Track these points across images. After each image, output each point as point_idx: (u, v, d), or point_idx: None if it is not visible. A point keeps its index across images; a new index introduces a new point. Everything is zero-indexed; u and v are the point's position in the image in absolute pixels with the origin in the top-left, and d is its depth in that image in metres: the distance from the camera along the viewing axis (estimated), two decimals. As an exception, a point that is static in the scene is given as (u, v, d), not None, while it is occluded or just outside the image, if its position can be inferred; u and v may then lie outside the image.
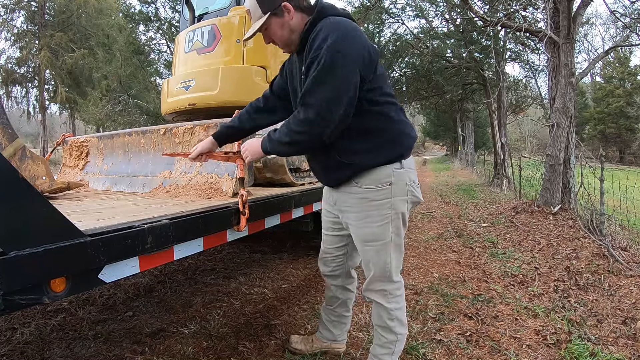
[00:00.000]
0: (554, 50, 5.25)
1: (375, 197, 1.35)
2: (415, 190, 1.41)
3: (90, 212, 1.41)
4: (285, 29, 1.32)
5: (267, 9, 1.29)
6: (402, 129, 1.35)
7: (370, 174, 1.33)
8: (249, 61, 2.96)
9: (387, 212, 1.35)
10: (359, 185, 1.36)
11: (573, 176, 5.11)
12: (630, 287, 2.57)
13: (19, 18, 19.08)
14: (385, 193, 1.34)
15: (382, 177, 1.33)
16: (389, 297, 1.45)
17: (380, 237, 1.38)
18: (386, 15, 11.53)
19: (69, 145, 2.82)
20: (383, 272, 1.42)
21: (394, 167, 1.34)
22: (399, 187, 1.35)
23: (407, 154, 1.38)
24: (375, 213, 1.36)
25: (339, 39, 1.17)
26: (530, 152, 27.00)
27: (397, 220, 1.38)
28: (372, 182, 1.34)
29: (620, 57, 26.74)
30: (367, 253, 1.43)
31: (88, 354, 1.84)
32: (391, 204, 1.35)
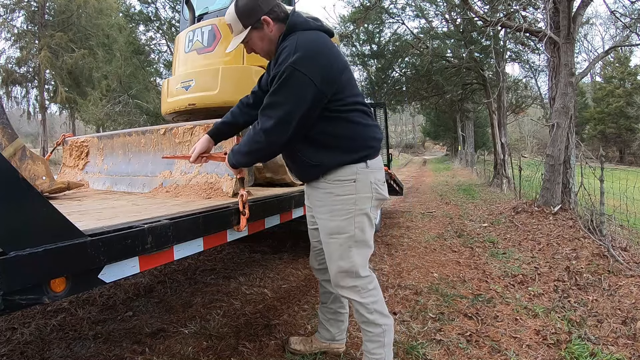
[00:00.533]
0: (554, 50, 5.25)
1: (339, 192, 1.41)
2: (379, 188, 1.47)
3: (90, 212, 1.41)
4: (265, 40, 1.42)
5: (248, 23, 1.37)
6: (367, 132, 1.43)
7: (336, 171, 1.41)
8: (249, 61, 2.96)
9: (350, 207, 1.41)
10: (326, 180, 1.43)
11: (573, 176, 5.11)
12: (630, 287, 2.57)
13: (19, 18, 19.08)
14: (349, 189, 1.41)
15: (347, 174, 1.40)
16: (362, 292, 1.47)
17: (344, 230, 1.42)
18: (386, 15, 11.53)
19: (69, 145, 2.82)
20: (349, 268, 1.44)
21: (359, 166, 1.41)
22: (364, 184, 1.42)
23: (373, 155, 1.45)
24: (339, 207, 1.42)
25: (301, 57, 1.24)
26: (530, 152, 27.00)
27: (361, 216, 1.43)
28: (337, 178, 1.41)
29: (620, 57, 26.74)
30: (330, 246, 1.47)
31: (88, 354, 1.84)
32: (355, 200, 1.41)
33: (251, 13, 1.36)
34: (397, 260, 3.42)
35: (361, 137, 1.42)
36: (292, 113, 1.27)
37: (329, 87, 1.30)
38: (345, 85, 1.36)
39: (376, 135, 1.47)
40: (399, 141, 49.56)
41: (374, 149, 1.46)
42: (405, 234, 4.55)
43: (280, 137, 1.30)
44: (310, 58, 1.26)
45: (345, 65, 1.38)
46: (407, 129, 59.98)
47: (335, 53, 1.35)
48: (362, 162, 1.41)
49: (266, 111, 1.31)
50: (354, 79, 1.47)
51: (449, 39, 11.15)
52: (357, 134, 1.41)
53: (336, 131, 1.38)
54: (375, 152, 1.47)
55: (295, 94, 1.26)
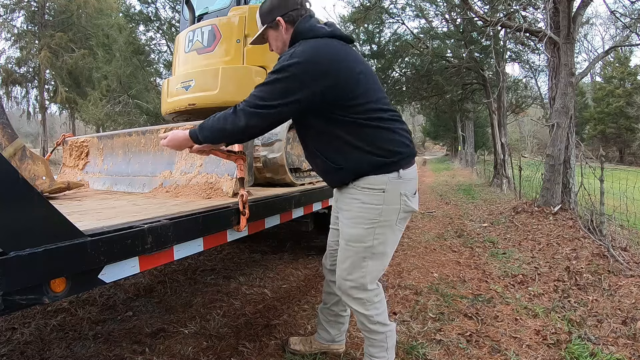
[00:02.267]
0: (554, 50, 5.25)
1: (366, 201, 1.39)
2: (409, 200, 1.43)
3: (90, 212, 1.41)
4: (279, 40, 1.47)
5: (265, 21, 1.46)
6: (394, 137, 1.39)
7: (366, 179, 1.38)
8: (249, 61, 2.96)
9: (374, 218, 1.39)
10: (355, 187, 1.41)
11: (573, 176, 5.11)
12: (630, 287, 2.57)
13: (19, 18, 19.09)
14: (377, 199, 1.38)
15: (377, 183, 1.38)
16: (367, 305, 1.46)
17: (363, 239, 1.40)
18: (386, 15, 11.52)
19: (69, 145, 2.82)
20: (357, 279, 1.43)
21: (390, 176, 1.38)
22: (392, 195, 1.38)
23: (405, 163, 1.41)
24: (363, 215, 1.40)
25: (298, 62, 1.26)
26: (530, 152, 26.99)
27: (384, 227, 1.40)
28: (366, 186, 1.39)
29: (620, 57, 26.73)
30: (345, 252, 1.46)
31: (88, 354, 1.84)
32: (381, 211, 1.38)
33: (269, 12, 1.45)
34: (397, 260, 3.42)
35: (387, 143, 1.38)
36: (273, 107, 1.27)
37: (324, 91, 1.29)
38: (359, 91, 1.34)
39: (405, 141, 1.42)
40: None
41: (404, 156, 1.41)
42: (405, 234, 4.55)
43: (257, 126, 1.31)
44: (303, 64, 1.27)
45: (358, 70, 1.35)
46: (407, 129, 59.85)
47: (340, 61, 1.33)
48: (395, 171, 1.38)
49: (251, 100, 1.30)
50: (375, 82, 1.43)
51: (449, 39, 11.14)
52: (382, 139, 1.37)
53: (358, 136, 1.36)
54: (408, 160, 1.42)
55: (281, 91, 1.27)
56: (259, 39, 1.53)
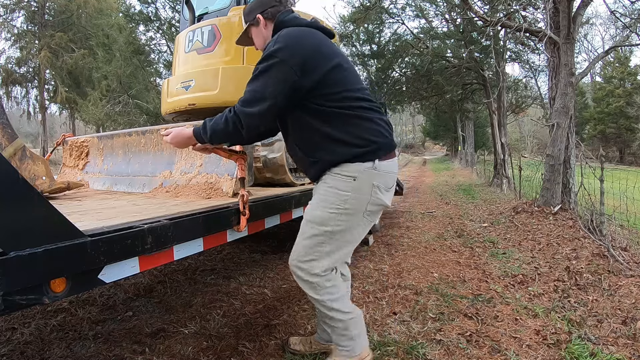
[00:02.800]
0: (554, 50, 5.25)
1: (335, 185, 1.39)
2: (380, 193, 1.41)
3: (90, 212, 1.41)
4: (260, 37, 1.52)
5: (247, 20, 1.52)
6: (370, 127, 1.39)
7: (340, 166, 1.38)
8: (249, 61, 2.96)
9: (340, 204, 1.38)
10: (329, 173, 1.41)
11: (573, 176, 5.11)
12: (630, 287, 2.57)
13: (19, 18, 19.10)
14: (346, 186, 1.37)
15: (349, 170, 1.37)
16: (318, 290, 1.43)
17: (325, 223, 1.39)
18: (386, 15, 11.52)
19: (69, 145, 2.82)
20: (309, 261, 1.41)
21: (365, 165, 1.36)
22: (363, 185, 1.37)
23: (381, 153, 1.39)
24: (330, 199, 1.39)
25: (280, 47, 1.29)
26: (530, 152, 26.99)
27: (349, 215, 1.39)
28: (338, 172, 1.38)
29: (620, 57, 26.74)
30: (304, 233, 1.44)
31: (88, 354, 1.84)
32: (348, 199, 1.37)
33: (250, 12, 1.51)
34: (397, 260, 3.42)
35: (364, 131, 1.37)
36: (269, 99, 1.29)
37: (309, 76, 1.31)
38: (337, 79, 1.36)
39: (382, 131, 1.41)
40: (399, 141, 49.46)
41: (380, 146, 1.39)
42: (405, 234, 4.55)
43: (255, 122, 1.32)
44: (289, 47, 1.29)
45: (335, 59, 1.37)
46: (407, 129, 60.00)
47: (322, 47, 1.36)
48: (369, 161, 1.37)
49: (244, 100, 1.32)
50: (354, 73, 1.44)
51: (449, 39, 11.15)
52: (358, 128, 1.37)
53: (334, 126, 1.36)
54: (384, 150, 1.41)
55: (273, 80, 1.29)
56: (244, 38, 1.57)
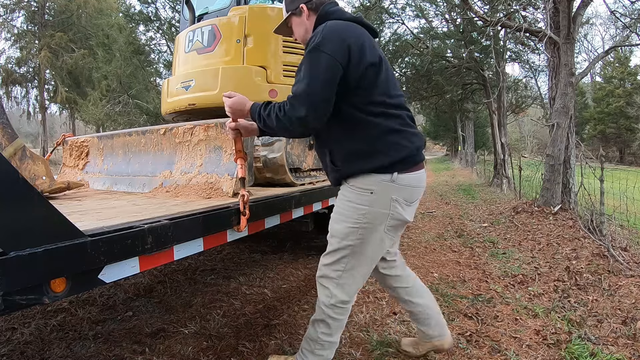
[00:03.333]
0: (554, 50, 5.25)
1: (353, 199, 1.35)
2: (400, 208, 1.34)
3: (90, 212, 1.41)
4: (301, 27, 1.47)
5: (289, 8, 1.48)
6: (396, 139, 1.32)
7: (357, 177, 1.35)
8: (249, 61, 2.96)
9: (359, 219, 1.33)
10: (347, 184, 1.39)
11: (573, 176, 5.11)
12: (630, 287, 2.57)
13: (19, 18, 19.12)
14: (364, 200, 1.33)
15: (366, 183, 1.33)
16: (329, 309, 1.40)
17: (344, 237, 1.36)
18: (386, 15, 11.52)
19: (69, 145, 2.82)
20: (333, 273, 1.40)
21: (383, 177, 1.31)
22: (381, 199, 1.31)
23: (404, 167, 1.32)
24: (348, 213, 1.36)
25: (325, 39, 1.26)
26: (530, 152, 27.00)
27: (368, 231, 1.33)
28: (357, 185, 1.35)
29: (620, 57, 26.74)
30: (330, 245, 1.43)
31: (88, 354, 1.84)
32: (366, 213, 1.32)
33: (293, 0, 1.46)
34: (397, 260, 3.41)
35: (385, 143, 1.30)
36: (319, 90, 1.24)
37: (352, 71, 1.26)
38: (377, 80, 1.31)
39: (406, 143, 1.32)
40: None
41: (404, 159, 1.32)
42: (405, 234, 4.55)
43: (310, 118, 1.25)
44: (333, 39, 1.25)
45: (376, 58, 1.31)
46: (407, 129, 59.88)
47: (366, 43, 1.31)
48: (388, 173, 1.30)
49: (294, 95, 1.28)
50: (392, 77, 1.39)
51: (449, 39, 11.15)
52: (380, 139, 1.30)
53: (358, 135, 1.32)
54: (406, 162, 1.32)
55: (320, 72, 1.24)
56: (283, 28, 1.53)
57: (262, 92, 2.94)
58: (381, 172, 1.31)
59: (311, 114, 1.24)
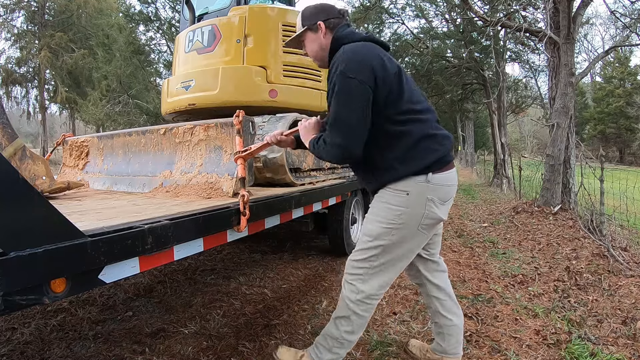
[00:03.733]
0: (554, 50, 5.25)
1: (389, 200, 1.39)
2: (435, 208, 1.38)
3: (90, 212, 1.41)
4: (315, 43, 1.51)
5: (305, 24, 1.51)
6: (428, 145, 1.37)
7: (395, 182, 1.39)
8: (249, 61, 2.96)
9: (395, 219, 1.37)
10: (384, 188, 1.42)
11: (573, 176, 5.12)
12: (630, 287, 2.57)
13: (19, 18, 19.11)
14: (400, 201, 1.37)
15: (402, 185, 1.37)
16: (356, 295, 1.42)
17: (379, 236, 1.39)
18: (386, 15, 11.53)
19: (69, 145, 2.82)
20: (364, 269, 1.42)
21: (417, 178, 1.35)
22: (417, 199, 1.36)
23: (437, 167, 1.37)
24: (384, 214, 1.39)
25: (348, 64, 1.30)
26: (530, 152, 26.99)
27: (403, 231, 1.37)
28: (392, 187, 1.39)
29: (620, 57, 26.74)
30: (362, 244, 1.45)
31: (88, 354, 1.84)
32: (402, 213, 1.36)
33: (311, 16, 1.50)
34: (397, 260, 3.41)
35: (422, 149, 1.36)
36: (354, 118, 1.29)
37: (380, 90, 1.31)
38: (401, 90, 1.35)
39: (439, 147, 1.39)
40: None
41: (435, 160, 1.37)
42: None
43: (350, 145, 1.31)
44: (357, 62, 1.30)
45: (396, 69, 1.37)
46: (407, 129, 59.90)
47: (384, 59, 1.35)
48: (422, 174, 1.35)
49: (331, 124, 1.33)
50: (413, 84, 1.45)
51: (449, 39, 11.15)
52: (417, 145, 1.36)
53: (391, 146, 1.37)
54: (438, 163, 1.37)
55: (352, 99, 1.29)
56: (295, 41, 1.57)
57: (262, 92, 2.94)
58: (417, 173, 1.36)
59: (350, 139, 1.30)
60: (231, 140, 1.86)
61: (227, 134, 1.90)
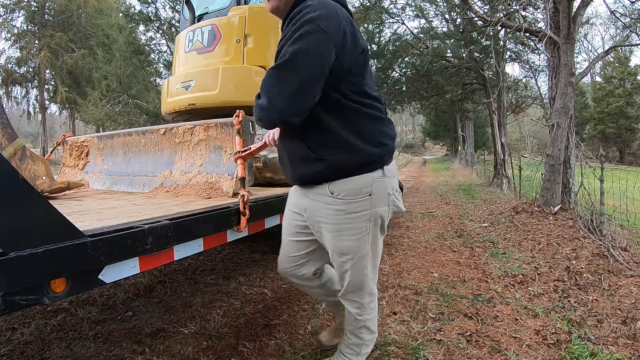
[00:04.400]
0: (554, 50, 5.25)
1: (353, 210, 1.23)
2: (397, 200, 1.32)
3: (90, 212, 1.41)
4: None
5: None
6: (382, 129, 1.25)
7: (347, 183, 1.21)
8: (249, 61, 2.96)
9: (364, 225, 1.25)
10: (334, 195, 1.23)
11: (573, 176, 5.12)
12: (630, 287, 2.57)
13: (19, 18, 19.11)
14: (364, 205, 1.23)
15: (362, 186, 1.21)
16: (362, 310, 1.42)
17: (357, 250, 1.28)
18: (386, 15, 11.53)
19: (69, 145, 2.82)
20: (359, 285, 1.36)
21: (375, 175, 1.23)
22: (380, 196, 1.24)
23: (389, 158, 1.28)
24: (352, 226, 1.25)
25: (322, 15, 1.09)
26: (530, 152, 26.99)
27: (375, 231, 1.29)
28: (351, 193, 1.22)
29: (620, 57, 26.75)
30: (342, 266, 1.34)
31: (88, 354, 1.84)
32: (370, 216, 1.24)
33: None
34: (397, 260, 3.42)
35: (376, 133, 1.23)
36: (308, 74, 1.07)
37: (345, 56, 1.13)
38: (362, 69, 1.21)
39: (391, 132, 1.28)
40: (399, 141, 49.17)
41: (389, 150, 1.27)
42: (405, 234, 4.55)
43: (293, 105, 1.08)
44: (332, 18, 1.09)
45: (365, 46, 1.23)
46: (407, 129, 60.04)
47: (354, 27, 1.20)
48: (379, 169, 1.23)
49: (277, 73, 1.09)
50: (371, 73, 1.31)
51: (449, 39, 11.16)
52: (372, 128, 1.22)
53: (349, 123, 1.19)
54: (392, 154, 1.29)
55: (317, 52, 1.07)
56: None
57: (262, 92, 2.94)
58: (373, 168, 1.23)
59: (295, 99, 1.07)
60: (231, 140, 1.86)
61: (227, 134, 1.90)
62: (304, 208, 1.35)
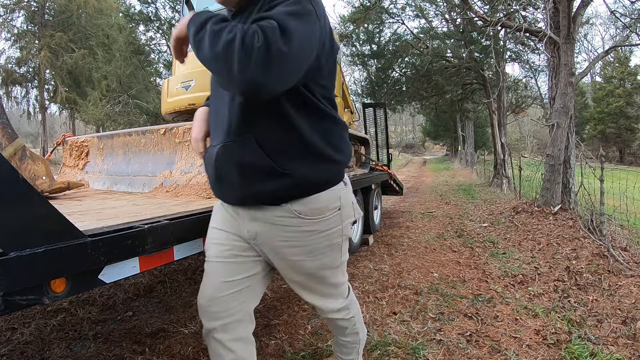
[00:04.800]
0: (554, 50, 5.25)
1: (325, 228, 1.09)
2: (357, 206, 1.24)
3: (90, 212, 1.41)
4: None
5: None
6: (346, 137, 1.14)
7: (315, 201, 1.05)
8: (249, 61, 2.96)
9: (337, 240, 1.14)
10: (302, 216, 1.04)
11: (573, 176, 5.12)
12: (630, 287, 2.57)
13: (19, 18, 19.13)
14: (335, 220, 1.10)
15: (331, 202, 1.08)
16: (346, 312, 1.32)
17: (331, 265, 1.17)
18: (386, 15, 11.54)
19: (69, 145, 2.82)
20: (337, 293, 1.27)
21: (339, 187, 1.11)
22: (347, 208, 1.15)
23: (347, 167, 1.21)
24: (324, 244, 1.11)
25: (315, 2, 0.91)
26: (530, 152, 27.00)
27: (345, 241, 1.19)
28: (320, 211, 1.06)
29: (620, 57, 26.77)
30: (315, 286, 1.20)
31: (88, 354, 1.84)
32: (341, 230, 1.14)
33: None
34: (397, 260, 3.42)
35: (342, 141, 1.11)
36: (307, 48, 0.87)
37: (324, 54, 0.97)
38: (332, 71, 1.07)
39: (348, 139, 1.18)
40: (398, 141, 49.56)
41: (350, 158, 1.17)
42: (405, 234, 4.55)
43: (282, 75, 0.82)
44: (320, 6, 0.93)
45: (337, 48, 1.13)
46: (407, 129, 60.03)
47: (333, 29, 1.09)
48: (341, 181, 1.14)
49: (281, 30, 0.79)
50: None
51: (449, 39, 11.17)
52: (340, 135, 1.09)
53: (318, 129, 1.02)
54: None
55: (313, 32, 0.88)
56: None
57: (262, 92, 2.94)
58: (339, 181, 1.12)
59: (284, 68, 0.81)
60: None
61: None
62: (252, 234, 1.09)
